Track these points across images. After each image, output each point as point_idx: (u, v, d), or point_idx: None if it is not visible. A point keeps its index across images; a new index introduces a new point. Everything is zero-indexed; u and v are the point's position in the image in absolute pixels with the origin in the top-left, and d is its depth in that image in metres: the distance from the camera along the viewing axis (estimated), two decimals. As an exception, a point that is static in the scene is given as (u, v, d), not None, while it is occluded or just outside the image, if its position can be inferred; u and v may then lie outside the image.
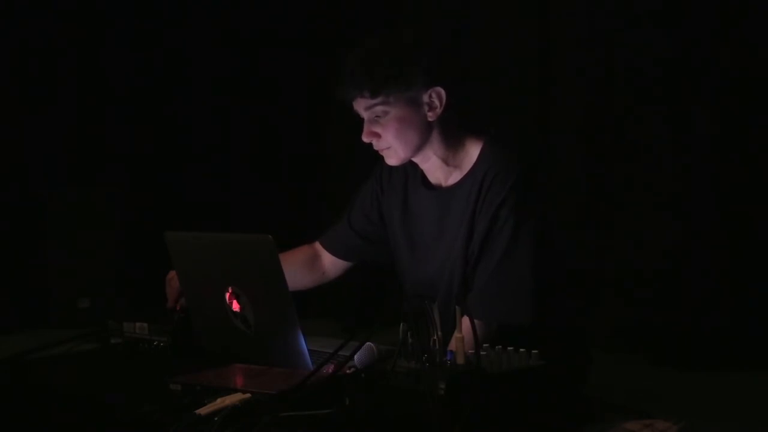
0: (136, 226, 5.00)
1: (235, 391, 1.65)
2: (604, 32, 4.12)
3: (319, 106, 4.97)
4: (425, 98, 2.18)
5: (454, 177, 2.25)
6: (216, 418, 1.55)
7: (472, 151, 2.23)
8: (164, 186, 5.27)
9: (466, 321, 1.66)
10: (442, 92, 2.17)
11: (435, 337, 1.61)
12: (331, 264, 2.53)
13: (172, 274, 2.31)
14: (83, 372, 2.10)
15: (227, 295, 2.02)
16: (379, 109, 2.17)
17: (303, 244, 2.55)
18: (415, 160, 2.27)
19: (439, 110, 2.19)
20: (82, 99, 5.14)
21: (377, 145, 2.23)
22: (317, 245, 2.54)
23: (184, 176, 5.33)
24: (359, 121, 2.26)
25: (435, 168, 2.27)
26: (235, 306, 2.01)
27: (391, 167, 2.33)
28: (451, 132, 2.23)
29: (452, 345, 1.64)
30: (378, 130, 2.20)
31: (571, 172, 4.22)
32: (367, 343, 1.78)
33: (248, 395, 1.63)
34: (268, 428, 1.53)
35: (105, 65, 5.17)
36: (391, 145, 2.21)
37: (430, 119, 2.19)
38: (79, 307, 4.92)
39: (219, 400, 1.60)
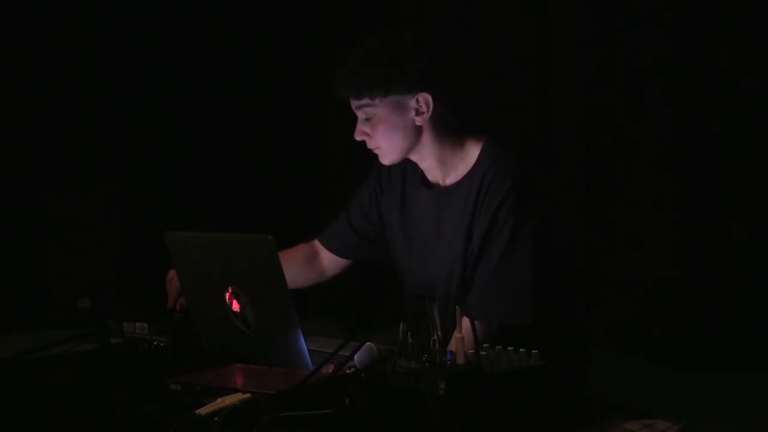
0: (136, 226, 5.00)
1: (235, 391, 1.65)
2: (604, 32, 4.12)
3: (319, 106, 4.97)
4: (412, 103, 2.19)
5: (453, 176, 2.25)
6: (216, 418, 1.55)
7: (472, 151, 2.23)
8: (164, 186, 5.27)
9: (466, 321, 1.66)
10: (429, 98, 2.18)
11: (435, 337, 1.61)
12: (329, 262, 2.52)
13: (172, 273, 2.31)
14: (83, 372, 2.10)
15: (227, 295, 2.02)
16: (368, 110, 2.20)
17: (301, 242, 2.55)
18: (413, 159, 2.28)
19: (426, 115, 2.19)
20: (82, 99, 5.14)
21: (368, 144, 2.25)
22: (316, 243, 2.54)
23: (184, 176, 5.33)
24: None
25: (432, 167, 2.27)
26: (235, 306, 2.01)
27: (390, 166, 2.34)
28: (448, 133, 2.23)
29: (452, 345, 1.64)
30: (367, 129, 2.22)
31: (571, 172, 4.22)
32: (367, 343, 1.78)
33: (248, 395, 1.63)
34: (268, 428, 1.53)
35: (105, 65, 5.17)
36: (380, 145, 2.23)
37: (418, 123, 2.20)
38: (79, 307, 4.92)
39: (219, 400, 1.60)
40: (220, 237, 2.16)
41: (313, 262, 2.52)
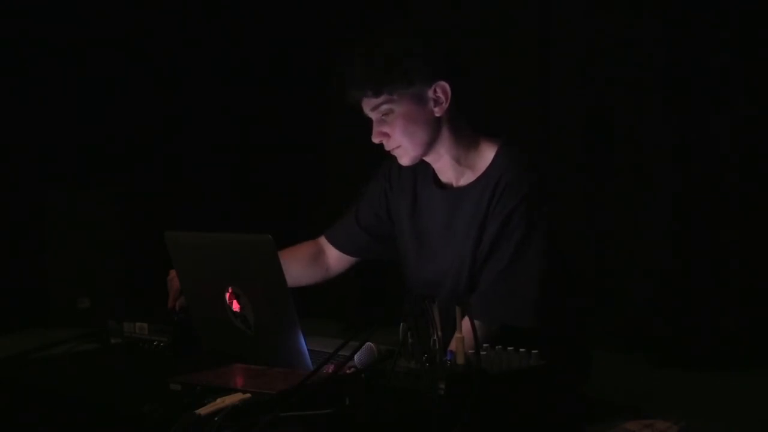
0: (136, 226, 5.00)
1: (235, 391, 1.65)
2: (605, 32, 4.12)
3: (320, 106, 4.97)
4: (430, 94, 2.18)
5: (467, 177, 2.25)
6: (216, 418, 1.55)
7: (487, 154, 2.22)
8: (164, 186, 5.27)
9: (466, 321, 1.66)
10: (447, 87, 2.17)
11: (435, 337, 1.61)
12: (335, 260, 2.52)
13: (173, 273, 2.31)
14: (83, 372, 2.10)
15: (227, 295, 2.02)
16: (385, 107, 2.17)
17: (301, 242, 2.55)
18: (427, 159, 2.27)
19: (445, 105, 2.18)
20: (82, 99, 5.14)
21: (387, 145, 2.23)
22: (322, 240, 2.53)
23: (184, 176, 5.33)
24: (362, 122, 2.25)
25: (447, 167, 2.27)
26: (235, 306, 2.01)
27: (400, 165, 2.33)
28: (463, 131, 2.23)
29: (452, 345, 1.64)
30: (386, 129, 2.20)
31: (571, 172, 4.22)
32: (367, 343, 1.78)
33: (248, 395, 1.63)
34: (268, 428, 1.53)
35: (105, 64, 5.17)
36: (401, 143, 2.21)
37: (437, 115, 2.19)
38: (79, 307, 4.92)
39: (219, 400, 1.60)
40: (220, 237, 2.16)
41: (318, 260, 2.52)
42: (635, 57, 4.05)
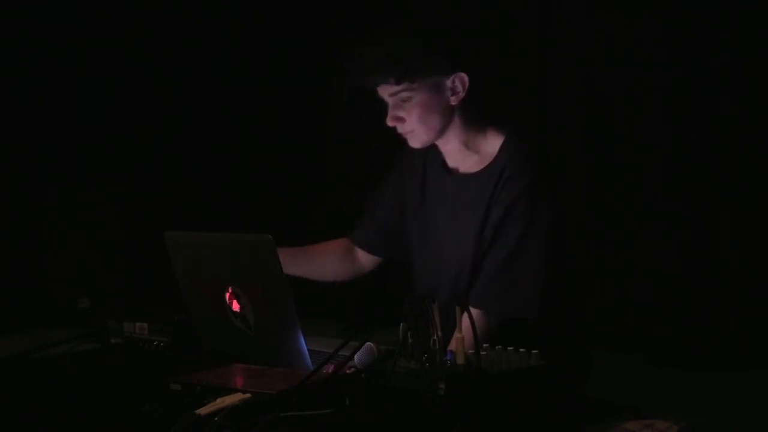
0: (136, 226, 5.00)
1: (235, 391, 1.65)
2: (605, 32, 4.12)
3: (320, 106, 4.97)
4: (449, 83, 2.22)
5: (473, 162, 2.28)
6: (216, 418, 1.55)
7: (494, 142, 2.26)
8: (164, 186, 5.26)
9: (466, 321, 1.66)
10: (466, 78, 2.22)
11: (435, 337, 1.61)
12: (365, 258, 2.54)
13: None
14: (83, 372, 2.10)
15: (227, 295, 2.02)
16: (404, 94, 2.22)
17: (303, 245, 2.56)
18: (437, 142, 2.30)
19: (462, 95, 2.23)
20: (82, 99, 5.14)
21: (401, 128, 2.27)
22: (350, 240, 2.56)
23: (184, 176, 5.33)
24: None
25: (455, 151, 2.30)
26: (235, 306, 2.02)
27: (411, 152, 2.35)
28: (473, 119, 2.27)
29: (452, 345, 1.64)
30: (402, 114, 2.24)
31: (571, 171, 4.22)
32: (367, 343, 1.78)
33: (248, 395, 1.63)
34: (268, 428, 1.53)
35: (105, 64, 5.17)
36: (415, 129, 2.25)
37: (452, 103, 2.24)
38: (79, 307, 4.92)
39: (219, 400, 1.60)
40: (220, 237, 2.16)
41: (349, 256, 2.54)
42: (635, 57, 4.04)
